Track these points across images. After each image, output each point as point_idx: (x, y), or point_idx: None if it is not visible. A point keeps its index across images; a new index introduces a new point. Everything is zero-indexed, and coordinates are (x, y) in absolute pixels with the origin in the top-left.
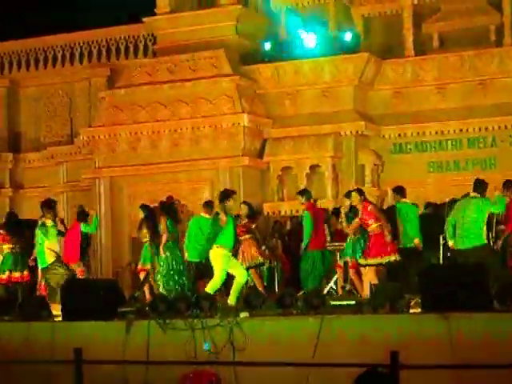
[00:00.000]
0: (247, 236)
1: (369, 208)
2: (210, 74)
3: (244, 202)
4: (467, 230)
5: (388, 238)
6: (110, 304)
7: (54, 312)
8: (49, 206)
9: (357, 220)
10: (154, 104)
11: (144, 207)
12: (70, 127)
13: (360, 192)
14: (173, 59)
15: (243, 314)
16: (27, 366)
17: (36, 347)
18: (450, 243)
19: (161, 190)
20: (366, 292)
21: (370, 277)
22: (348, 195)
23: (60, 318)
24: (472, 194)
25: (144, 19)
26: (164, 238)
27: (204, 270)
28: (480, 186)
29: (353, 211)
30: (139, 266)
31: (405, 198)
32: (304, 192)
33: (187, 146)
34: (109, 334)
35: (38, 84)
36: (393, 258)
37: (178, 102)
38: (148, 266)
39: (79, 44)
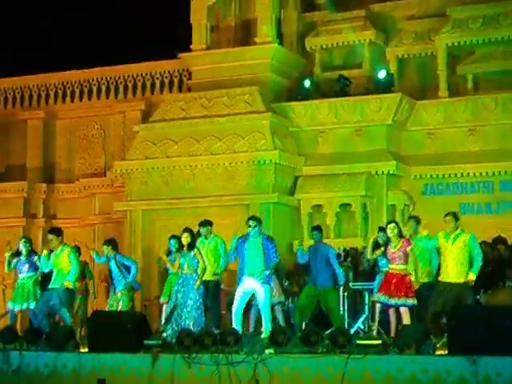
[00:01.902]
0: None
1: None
2: (243, 110)
3: None
4: None
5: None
6: (136, 336)
7: None
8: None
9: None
10: (188, 139)
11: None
12: (103, 160)
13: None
14: (207, 95)
15: (268, 351)
16: None
17: (62, 378)
18: None
19: (191, 225)
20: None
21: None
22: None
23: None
24: None
25: (180, 55)
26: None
27: None
28: None
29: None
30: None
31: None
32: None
33: (219, 181)
34: (134, 367)
35: (74, 116)
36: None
37: (211, 137)
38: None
39: (115, 78)
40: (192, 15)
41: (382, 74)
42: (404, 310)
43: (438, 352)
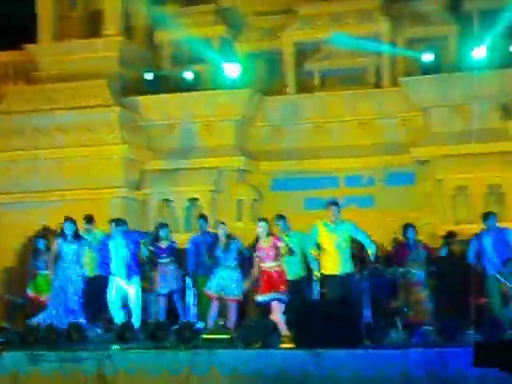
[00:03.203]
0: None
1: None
2: (91, 103)
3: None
4: None
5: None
6: None
7: None
8: None
9: None
10: (34, 132)
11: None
12: None
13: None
14: (54, 87)
15: (114, 347)
16: None
17: None
18: None
19: (37, 220)
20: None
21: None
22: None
23: None
24: None
25: (25, 46)
26: None
27: None
28: None
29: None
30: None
31: None
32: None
33: (66, 176)
34: None
35: None
36: None
37: (58, 130)
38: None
39: None
40: (38, 5)
41: (231, 70)
42: (276, 305)
43: (283, 346)
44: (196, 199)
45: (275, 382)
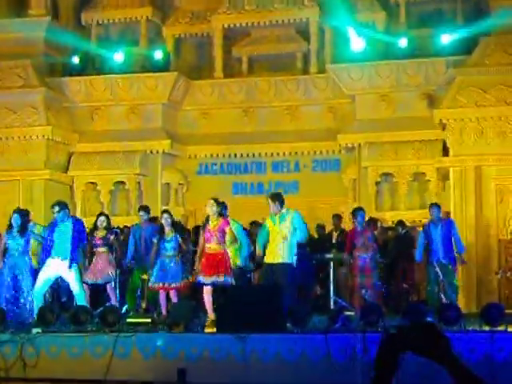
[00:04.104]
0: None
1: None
2: (15, 84)
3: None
4: None
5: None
6: None
7: None
8: None
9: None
10: None
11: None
12: None
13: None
14: None
15: (35, 330)
16: None
17: None
18: None
19: None
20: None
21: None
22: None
23: None
24: None
25: None
26: None
27: None
28: None
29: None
30: None
31: None
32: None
33: None
34: None
35: None
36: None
37: None
38: None
39: None
40: None
41: (158, 53)
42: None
43: (206, 330)
44: (122, 183)
45: (197, 365)
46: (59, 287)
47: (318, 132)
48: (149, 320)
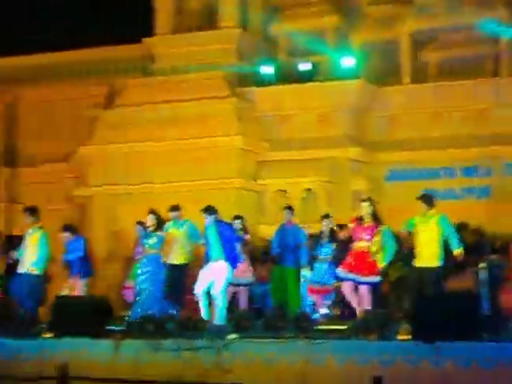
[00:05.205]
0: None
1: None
2: (207, 95)
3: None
4: None
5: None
6: (98, 321)
7: None
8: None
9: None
10: (151, 124)
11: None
12: (66, 145)
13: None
14: (170, 79)
15: (232, 336)
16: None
17: (24, 363)
18: None
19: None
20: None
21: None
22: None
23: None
24: None
25: (144, 39)
26: None
27: None
28: None
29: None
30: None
31: None
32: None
33: (182, 167)
34: (96, 352)
35: (38, 100)
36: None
37: (175, 122)
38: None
39: (79, 62)
40: None
41: (345, 60)
42: (365, 289)
43: (400, 337)
44: (311, 190)
45: (391, 373)
46: (251, 293)
47: (510, 136)
48: (343, 327)
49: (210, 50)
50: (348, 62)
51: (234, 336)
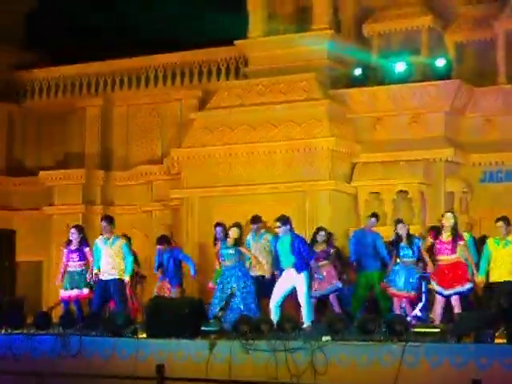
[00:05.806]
0: (325, 262)
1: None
2: (300, 97)
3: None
4: None
5: None
6: (193, 322)
7: None
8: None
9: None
10: (244, 126)
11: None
12: (160, 147)
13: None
14: (263, 82)
15: (325, 338)
16: (111, 381)
17: (120, 363)
18: None
19: (247, 212)
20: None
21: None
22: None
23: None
24: None
25: (236, 42)
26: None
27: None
28: None
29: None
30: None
31: None
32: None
33: (275, 169)
34: (192, 352)
35: (131, 103)
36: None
37: (268, 124)
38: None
39: (172, 65)
40: (249, 2)
41: (440, 60)
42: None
43: (496, 341)
44: (405, 192)
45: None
46: (341, 295)
47: None
48: (437, 330)
49: (302, 51)
50: (442, 62)
51: (327, 338)
